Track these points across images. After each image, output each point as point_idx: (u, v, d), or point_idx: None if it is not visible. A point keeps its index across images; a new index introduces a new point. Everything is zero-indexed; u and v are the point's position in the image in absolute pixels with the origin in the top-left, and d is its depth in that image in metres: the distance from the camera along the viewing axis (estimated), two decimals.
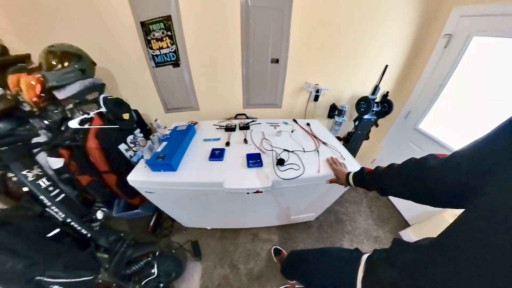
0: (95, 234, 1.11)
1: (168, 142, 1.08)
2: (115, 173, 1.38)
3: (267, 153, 1.06)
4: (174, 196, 1.07)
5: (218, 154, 1.03)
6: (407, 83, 1.73)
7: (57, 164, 1.31)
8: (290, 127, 1.40)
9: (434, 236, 0.41)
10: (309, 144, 1.18)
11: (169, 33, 1.32)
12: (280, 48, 1.41)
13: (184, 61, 1.43)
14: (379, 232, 1.69)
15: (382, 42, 1.50)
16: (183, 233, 1.65)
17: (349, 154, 1.13)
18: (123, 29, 1.31)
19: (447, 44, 1.40)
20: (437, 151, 1.52)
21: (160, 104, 1.67)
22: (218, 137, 1.23)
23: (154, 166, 0.98)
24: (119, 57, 1.44)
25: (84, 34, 1.31)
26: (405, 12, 1.39)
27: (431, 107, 1.58)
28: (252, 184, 0.85)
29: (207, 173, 0.94)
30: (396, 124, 1.90)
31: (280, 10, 1.27)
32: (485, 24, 1.20)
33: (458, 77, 1.39)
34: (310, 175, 0.93)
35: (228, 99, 1.66)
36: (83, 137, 1.25)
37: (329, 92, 1.67)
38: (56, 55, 1.18)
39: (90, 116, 1.29)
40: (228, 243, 1.58)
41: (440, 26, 1.41)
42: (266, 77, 1.55)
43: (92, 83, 1.31)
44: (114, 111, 1.31)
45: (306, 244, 1.58)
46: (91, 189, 1.44)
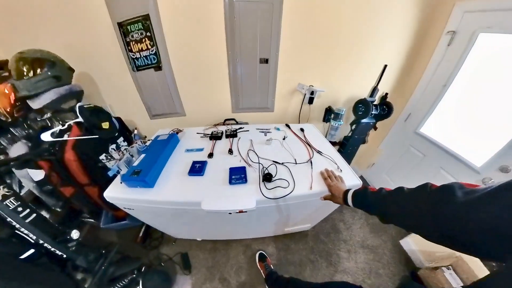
0: (72, 254, 1.03)
1: (146, 155, 0.99)
2: (96, 185, 1.31)
3: (253, 166, 0.97)
4: (154, 212, 0.99)
5: (198, 168, 0.94)
6: (407, 84, 1.62)
7: (38, 176, 1.25)
8: (282, 133, 1.31)
9: None
10: (302, 154, 1.09)
11: (149, 34, 1.23)
12: (269, 47, 1.31)
13: (166, 64, 1.33)
14: (377, 240, 1.62)
15: (380, 40, 1.40)
16: (173, 245, 1.58)
17: (347, 164, 1.03)
18: (101, 31, 1.24)
19: (451, 41, 1.30)
20: (440, 157, 1.43)
21: (145, 110, 1.58)
22: (201, 147, 1.13)
23: (129, 182, 0.89)
24: (99, 62, 1.36)
25: (62, 38, 1.24)
26: (405, 8, 1.29)
27: (433, 110, 1.48)
28: (233, 205, 0.76)
29: (185, 190, 0.85)
30: (396, 127, 1.80)
31: (269, 3, 1.16)
32: (492, 20, 1.11)
33: (464, 77, 1.29)
34: (301, 193, 0.83)
35: (215, 104, 1.56)
36: (60, 149, 1.17)
37: (324, 94, 1.57)
38: (27, 62, 1.09)
39: (67, 127, 1.21)
40: (220, 255, 1.51)
41: (443, 22, 1.31)
42: (255, 79, 1.45)
43: (68, 91, 1.23)
44: (92, 120, 1.22)
45: (301, 256, 1.50)
46: (75, 201, 1.38)
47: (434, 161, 1.50)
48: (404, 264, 1.45)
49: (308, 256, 1.50)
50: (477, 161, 1.23)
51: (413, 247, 1.48)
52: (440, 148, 1.44)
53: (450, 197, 0.36)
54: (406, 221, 0.47)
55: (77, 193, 1.32)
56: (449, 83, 1.36)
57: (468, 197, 0.34)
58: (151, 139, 1.17)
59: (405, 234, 1.59)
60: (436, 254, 1.33)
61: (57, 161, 1.17)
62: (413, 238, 1.51)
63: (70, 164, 1.18)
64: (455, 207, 0.35)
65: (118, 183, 0.95)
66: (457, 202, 0.35)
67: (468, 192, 0.35)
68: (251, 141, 1.19)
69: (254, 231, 1.48)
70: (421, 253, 1.42)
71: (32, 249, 0.94)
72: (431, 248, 1.36)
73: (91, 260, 1.08)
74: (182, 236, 1.56)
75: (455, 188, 0.37)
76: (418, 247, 1.45)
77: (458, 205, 0.34)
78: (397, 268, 1.43)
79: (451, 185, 0.38)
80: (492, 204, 0.30)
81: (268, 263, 1.39)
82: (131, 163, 0.98)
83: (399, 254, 1.52)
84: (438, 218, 0.38)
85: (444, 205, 0.37)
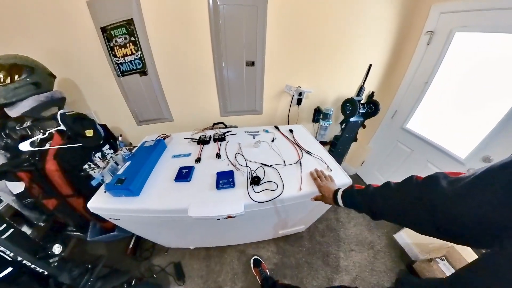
0: (54, 270, 0.98)
1: (131, 162, 0.96)
2: (80, 196, 1.25)
3: (241, 169, 0.95)
4: (141, 222, 0.95)
5: (185, 174, 0.91)
6: (392, 82, 1.67)
7: (18, 188, 1.18)
8: (271, 135, 1.30)
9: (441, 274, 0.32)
10: (291, 155, 1.09)
11: (133, 39, 1.21)
12: (255, 50, 1.32)
13: (152, 69, 1.32)
14: (372, 237, 1.63)
15: (364, 41, 1.44)
16: (166, 255, 1.52)
17: (336, 163, 1.03)
18: (83, 36, 1.21)
19: (430, 41, 1.37)
20: (426, 150, 1.47)
21: (131, 116, 1.55)
22: (188, 152, 1.11)
23: (114, 191, 0.86)
24: (82, 67, 1.33)
25: (43, 43, 1.20)
26: (386, 10, 1.35)
27: (417, 106, 1.53)
28: (220, 210, 0.74)
29: (172, 197, 0.83)
30: (383, 125, 1.84)
31: (254, 6, 1.17)
32: (466, 19, 1.18)
33: (443, 74, 1.35)
34: (290, 195, 0.82)
35: (203, 108, 1.55)
36: (41, 159, 1.12)
37: (312, 95, 1.59)
38: (4, 68, 1.04)
39: (48, 135, 1.16)
40: (214, 263, 1.47)
41: (421, 23, 1.37)
42: (242, 82, 1.45)
43: (49, 98, 1.18)
44: (74, 127, 1.18)
45: (297, 258, 1.48)
46: (59, 213, 1.31)
47: (421, 155, 1.54)
48: (400, 258, 1.47)
49: (304, 258, 1.48)
50: (461, 153, 1.28)
51: (407, 241, 1.49)
52: (426, 142, 1.49)
53: (436, 188, 0.37)
54: (396, 214, 0.47)
55: (60, 205, 1.26)
56: (430, 80, 1.41)
57: (453, 187, 0.34)
58: (138, 146, 1.14)
59: (399, 229, 1.61)
60: (429, 246, 1.35)
61: (37, 171, 1.12)
62: (407, 232, 1.52)
63: (52, 174, 1.13)
64: (441, 199, 0.35)
65: (102, 192, 0.91)
66: (443, 193, 0.35)
67: (453, 182, 0.35)
68: (239, 144, 1.18)
69: (248, 236, 1.45)
70: (415, 246, 1.44)
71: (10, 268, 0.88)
72: (424, 241, 1.38)
73: (76, 276, 1.02)
74: (174, 245, 1.51)
75: (439, 178, 0.37)
76: (412, 241, 1.47)
77: (444, 196, 0.35)
78: (393, 263, 1.44)
79: (436, 175, 0.39)
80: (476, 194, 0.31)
81: (264, 269, 1.36)
82: (115, 172, 0.95)
83: (394, 248, 1.53)
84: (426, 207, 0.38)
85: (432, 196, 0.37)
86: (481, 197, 0.30)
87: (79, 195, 1.24)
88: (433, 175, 0.39)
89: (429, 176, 0.40)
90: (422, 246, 1.40)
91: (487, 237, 0.30)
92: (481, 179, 0.31)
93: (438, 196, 0.36)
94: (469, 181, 0.32)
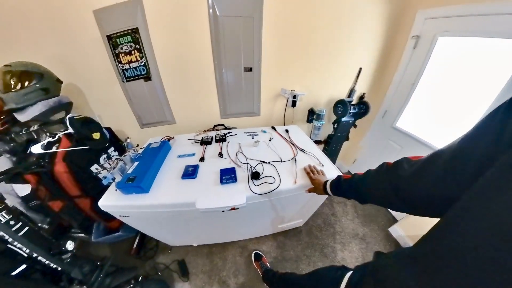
0: (67, 266, 1.03)
1: (139, 162, 1.03)
2: (88, 197, 1.31)
3: (242, 166, 1.03)
4: (150, 218, 1.02)
5: (191, 171, 0.99)
6: (381, 84, 1.77)
7: (24, 191, 1.22)
8: (268, 135, 1.39)
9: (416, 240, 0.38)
10: (287, 153, 1.17)
11: (138, 46, 1.28)
12: (252, 56, 1.40)
13: (155, 74, 1.39)
14: (366, 230, 1.71)
15: (354, 46, 1.53)
16: (169, 253, 1.57)
17: (328, 159, 1.12)
18: (89, 43, 1.26)
19: (416, 45, 1.45)
20: (415, 147, 1.57)
21: (135, 119, 1.61)
22: (193, 152, 1.18)
23: (124, 189, 0.93)
24: (87, 73, 1.38)
25: (49, 49, 1.25)
26: (374, 17, 1.44)
27: (406, 106, 1.63)
28: (225, 202, 0.82)
29: (180, 193, 0.90)
30: (375, 124, 1.94)
31: (250, 17, 1.26)
32: (448, 25, 1.27)
33: (428, 75, 1.44)
34: (286, 187, 0.91)
35: (204, 111, 1.62)
36: (50, 161, 1.17)
37: (306, 97, 1.68)
38: (14, 75, 1.10)
39: (57, 138, 1.21)
40: (217, 259, 1.52)
41: (408, 28, 1.46)
42: (240, 86, 1.53)
43: (57, 103, 1.23)
44: (82, 131, 1.24)
45: (296, 251, 1.55)
46: (65, 215, 1.35)
47: (410, 151, 1.63)
48: None
49: (303, 251, 1.55)
50: None
51: (401, 233, 1.58)
52: (415, 139, 1.58)
53: (400, 171, 0.44)
54: (375, 196, 0.55)
55: (67, 206, 1.30)
56: (416, 81, 1.50)
57: (411, 169, 0.42)
58: (144, 147, 1.21)
59: (393, 222, 1.70)
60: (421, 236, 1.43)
61: (46, 173, 1.16)
62: (401, 225, 1.60)
63: (60, 176, 1.18)
64: (404, 179, 0.43)
65: (113, 191, 0.97)
66: (403, 175, 0.43)
67: (412, 164, 0.42)
68: (239, 144, 1.26)
69: (249, 231, 1.52)
70: (408, 238, 1.52)
71: (24, 265, 0.93)
72: (417, 232, 1.46)
73: (86, 272, 1.07)
74: (178, 243, 1.57)
75: (403, 163, 0.45)
76: (406, 233, 1.55)
77: (405, 177, 0.42)
78: None
79: (400, 160, 0.46)
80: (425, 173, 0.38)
81: (264, 262, 1.42)
82: (125, 171, 1.02)
83: (389, 241, 1.61)
84: (393, 188, 0.45)
85: (396, 179, 0.45)
86: (428, 175, 0.37)
87: (86, 196, 1.29)
88: (398, 160, 0.47)
89: (395, 161, 0.48)
90: (415, 238, 1.48)
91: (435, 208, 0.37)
92: (429, 160, 0.39)
93: (400, 177, 0.44)
94: (422, 162, 0.40)
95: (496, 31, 1.06)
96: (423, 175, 0.39)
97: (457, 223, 0.29)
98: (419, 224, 1.43)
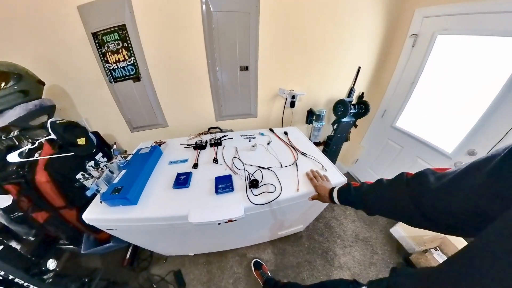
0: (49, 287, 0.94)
1: (127, 170, 0.95)
2: (74, 208, 1.22)
3: (239, 173, 0.96)
4: (140, 231, 0.94)
5: (183, 180, 0.91)
6: (380, 83, 1.74)
7: (5, 202, 1.13)
8: (266, 138, 1.32)
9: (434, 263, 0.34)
10: (287, 157, 1.11)
11: (125, 44, 1.20)
12: (248, 55, 1.34)
13: (145, 75, 1.30)
14: (369, 233, 1.67)
15: (353, 45, 1.50)
16: (164, 263, 1.49)
17: (331, 163, 1.06)
18: (74, 41, 1.17)
19: (414, 43, 1.44)
20: (416, 147, 1.54)
21: (125, 123, 1.52)
22: (185, 158, 1.10)
23: (110, 201, 0.84)
24: (72, 73, 1.29)
25: (30, 48, 1.16)
26: (372, 15, 1.41)
27: (405, 105, 1.60)
28: (221, 215, 0.74)
29: (171, 204, 0.82)
30: (374, 124, 1.91)
31: (246, 13, 1.20)
32: (446, 23, 1.26)
33: (428, 74, 1.42)
34: (288, 196, 0.84)
35: (198, 112, 1.55)
36: (30, 170, 1.07)
37: (305, 98, 1.62)
38: None
39: (38, 145, 1.12)
40: (215, 268, 1.45)
41: (406, 26, 1.45)
42: (236, 86, 1.46)
43: (38, 106, 1.14)
44: (66, 136, 1.14)
45: (298, 257, 1.50)
46: (50, 227, 1.26)
47: (411, 151, 1.61)
48: (397, 252, 1.52)
49: (304, 257, 1.50)
50: (448, 148, 1.35)
51: (403, 234, 1.55)
52: (415, 139, 1.55)
53: (425, 184, 0.39)
54: (389, 209, 0.50)
55: (52, 218, 1.22)
56: (416, 80, 1.48)
57: (440, 182, 0.37)
58: (133, 153, 1.13)
59: (394, 223, 1.66)
60: (423, 238, 1.41)
61: (27, 183, 1.07)
62: (402, 226, 1.58)
63: (42, 186, 1.09)
64: (430, 193, 0.38)
65: (98, 203, 0.89)
66: (432, 188, 0.38)
67: (440, 177, 0.38)
68: (235, 148, 1.19)
69: (248, 239, 1.45)
70: (410, 239, 1.49)
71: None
72: (419, 233, 1.44)
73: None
74: (173, 253, 1.49)
75: (428, 175, 0.40)
76: (407, 234, 1.52)
77: (433, 191, 0.37)
78: (391, 256, 1.49)
79: (424, 172, 0.41)
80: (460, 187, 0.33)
81: (264, 270, 1.36)
82: (111, 180, 0.93)
83: (391, 242, 1.58)
84: (416, 202, 0.40)
85: (420, 192, 0.40)
86: (465, 189, 0.33)
87: (72, 207, 1.20)
88: (421, 172, 0.42)
89: (418, 172, 0.43)
90: (417, 239, 1.45)
91: (471, 225, 0.33)
92: (465, 173, 0.34)
93: (426, 191, 0.39)
94: (455, 175, 0.35)
95: (494, 30, 1.05)
96: (457, 188, 0.34)
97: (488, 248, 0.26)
98: None
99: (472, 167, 0.33)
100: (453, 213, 0.34)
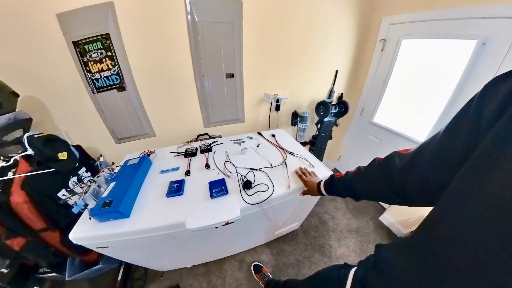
0: None
1: (116, 183, 0.92)
2: (57, 229, 1.13)
3: (232, 176, 0.98)
4: (134, 245, 0.90)
5: (176, 188, 0.91)
6: (357, 84, 1.89)
7: None
8: (255, 141, 1.36)
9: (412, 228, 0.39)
10: (276, 157, 1.15)
11: (109, 54, 1.17)
12: (233, 62, 1.39)
13: (130, 84, 1.28)
14: (359, 223, 1.76)
15: (330, 50, 1.62)
16: (161, 280, 1.40)
17: (317, 160, 1.13)
18: (52, 50, 1.11)
19: (383, 47, 1.60)
20: (393, 139, 1.68)
21: (109, 134, 1.47)
22: (176, 166, 1.10)
23: (100, 216, 0.81)
24: (51, 84, 1.21)
25: (3, 57, 1.07)
26: (344, 23, 1.55)
27: (380, 102, 1.75)
28: (218, 217, 0.76)
29: (166, 213, 0.81)
30: (354, 121, 2.05)
31: (230, 23, 1.25)
32: (409, 29, 1.43)
33: (397, 74, 1.59)
34: (280, 193, 0.88)
35: (186, 120, 1.55)
36: (4, 191, 0.99)
37: (289, 101, 1.71)
38: None
39: (12, 162, 1.04)
40: (215, 277, 1.41)
41: (375, 33, 1.62)
42: (223, 93, 1.50)
43: (12, 119, 1.05)
44: (46, 151, 1.07)
45: (296, 255, 1.53)
46: (28, 254, 1.14)
47: (389, 143, 1.75)
48: (387, 237, 1.62)
49: (303, 254, 1.53)
50: (420, 137, 1.51)
51: (391, 220, 1.66)
52: (391, 132, 1.70)
53: (392, 165, 0.46)
54: (369, 192, 0.56)
55: (30, 243, 1.10)
56: (387, 79, 1.64)
57: (402, 161, 0.44)
58: (120, 165, 1.09)
59: (382, 211, 1.77)
60: (409, 221, 1.52)
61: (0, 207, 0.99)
62: (390, 213, 1.69)
63: (19, 207, 1.00)
64: (396, 172, 0.45)
65: (86, 219, 0.84)
66: (397, 168, 0.45)
67: (403, 157, 0.45)
68: (226, 153, 1.21)
69: (245, 243, 1.45)
70: (398, 223, 1.61)
71: None
72: (404, 217, 1.55)
73: None
74: (170, 266, 1.42)
75: (394, 157, 0.47)
76: (395, 219, 1.64)
77: (398, 170, 0.44)
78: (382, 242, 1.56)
79: (391, 155, 0.48)
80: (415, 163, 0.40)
81: (265, 273, 1.37)
82: (99, 195, 0.90)
83: (381, 229, 1.68)
84: (387, 182, 0.47)
85: (389, 173, 0.47)
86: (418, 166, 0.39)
87: (54, 228, 1.12)
88: (389, 155, 0.49)
89: (387, 156, 0.50)
90: (404, 223, 1.57)
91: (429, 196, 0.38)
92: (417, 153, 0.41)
93: (393, 171, 0.45)
94: (412, 154, 0.42)
95: (448, 33, 1.22)
96: (413, 166, 0.40)
97: (447, 208, 0.30)
98: (406, 209, 1.51)
99: (422, 147, 0.40)
100: (417, 187, 0.40)
